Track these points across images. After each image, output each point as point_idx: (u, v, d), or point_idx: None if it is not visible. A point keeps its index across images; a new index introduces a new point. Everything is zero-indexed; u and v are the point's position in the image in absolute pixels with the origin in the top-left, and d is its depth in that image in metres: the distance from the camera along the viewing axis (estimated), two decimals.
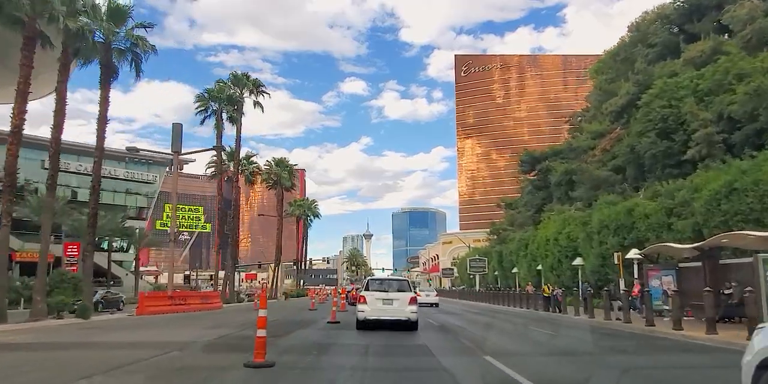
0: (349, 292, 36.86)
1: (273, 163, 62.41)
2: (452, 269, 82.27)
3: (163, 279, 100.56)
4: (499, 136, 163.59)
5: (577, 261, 31.65)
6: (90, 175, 27.48)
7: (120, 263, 63.60)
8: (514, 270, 46.33)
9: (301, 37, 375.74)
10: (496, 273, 53.30)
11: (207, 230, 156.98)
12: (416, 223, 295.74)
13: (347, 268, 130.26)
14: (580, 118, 57.64)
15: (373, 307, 15.51)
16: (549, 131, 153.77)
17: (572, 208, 38.78)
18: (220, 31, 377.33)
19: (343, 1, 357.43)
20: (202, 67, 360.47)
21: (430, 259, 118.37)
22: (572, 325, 20.24)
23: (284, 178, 60.96)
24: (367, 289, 16.36)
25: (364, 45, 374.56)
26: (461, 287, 71.45)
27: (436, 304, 36.95)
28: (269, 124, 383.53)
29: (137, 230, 69.89)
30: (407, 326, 15.43)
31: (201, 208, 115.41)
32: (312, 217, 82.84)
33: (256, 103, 46.12)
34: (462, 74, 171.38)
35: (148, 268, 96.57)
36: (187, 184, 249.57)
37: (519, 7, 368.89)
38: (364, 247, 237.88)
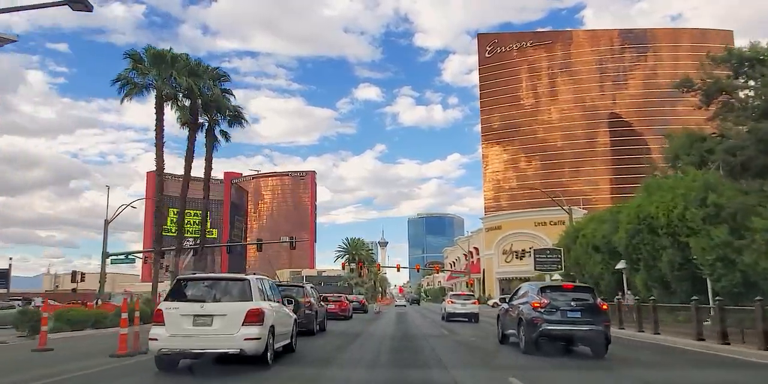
0: None
1: None
2: (558, 251, 34.82)
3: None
4: (522, 128, 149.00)
5: None
6: None
7: None
8: None
9: (315, 41, 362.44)
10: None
11: (213, 236, 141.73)
12: (433, 229, 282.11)
13: (343, 267, 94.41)
14: None
15: (174, 330, 8.14)
16: (581, 120, 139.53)
17: None
18: (233, 36, 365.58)
19: (356, 6, 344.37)
20: None
21: (468, 255, 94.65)
22: None
23: None
24: (171, 297, 8.67)
25: (378, 50, 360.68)
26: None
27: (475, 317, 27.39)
28: (283, 132, 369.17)
29: None
30: (241, 362, 8.23)
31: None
32: (226, 120, 33.72)
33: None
34: (486, 55, 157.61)
35: None
36: (192, 187, 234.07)
37: (539, 7, 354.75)
38: (379, 255, 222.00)
